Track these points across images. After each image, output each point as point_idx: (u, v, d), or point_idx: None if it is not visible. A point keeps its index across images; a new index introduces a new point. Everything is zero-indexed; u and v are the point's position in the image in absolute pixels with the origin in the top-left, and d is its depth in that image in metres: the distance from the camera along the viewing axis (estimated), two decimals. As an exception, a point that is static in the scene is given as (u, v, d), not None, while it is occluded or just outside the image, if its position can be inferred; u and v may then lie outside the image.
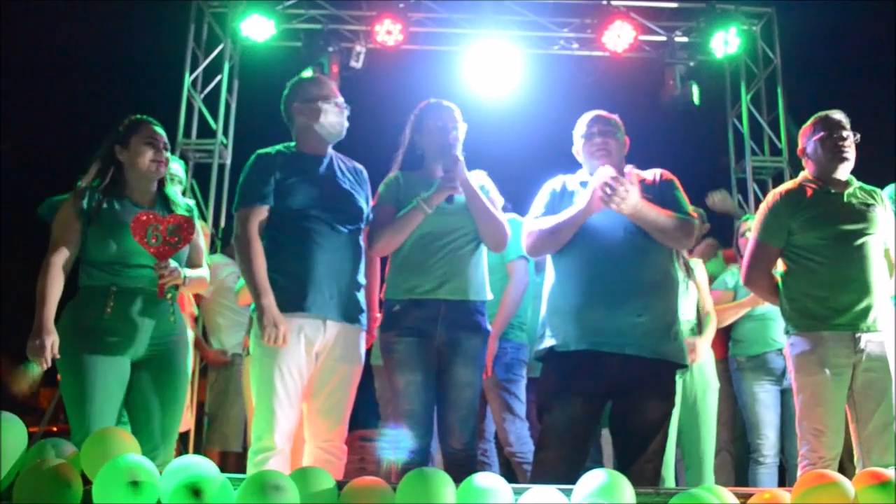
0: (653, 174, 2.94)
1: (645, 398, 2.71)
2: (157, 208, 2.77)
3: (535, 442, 3.31)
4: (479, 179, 3.02)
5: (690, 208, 2.90)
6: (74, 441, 2.50)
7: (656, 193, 2.85)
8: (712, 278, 4.07)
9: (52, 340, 2.57)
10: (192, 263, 2.87)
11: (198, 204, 5.46)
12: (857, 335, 2.82)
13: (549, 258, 2.92)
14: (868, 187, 3.03)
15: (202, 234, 2.97)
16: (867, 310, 2.83)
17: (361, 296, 2.80)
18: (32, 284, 2.73)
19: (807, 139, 3.06)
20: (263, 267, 2.64)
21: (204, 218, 5.55)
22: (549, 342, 2.79)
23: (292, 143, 2.85)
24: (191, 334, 2.88)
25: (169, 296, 2.73)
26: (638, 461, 2.69)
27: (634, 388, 2.70)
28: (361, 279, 2.80)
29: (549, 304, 2.86)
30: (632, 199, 2.66)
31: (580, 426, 2.71)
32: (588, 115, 2.99)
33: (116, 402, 2.62)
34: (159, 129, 2.84)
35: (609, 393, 2.74)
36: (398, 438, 2.71)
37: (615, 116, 3.00)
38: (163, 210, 2.77)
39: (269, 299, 2.59)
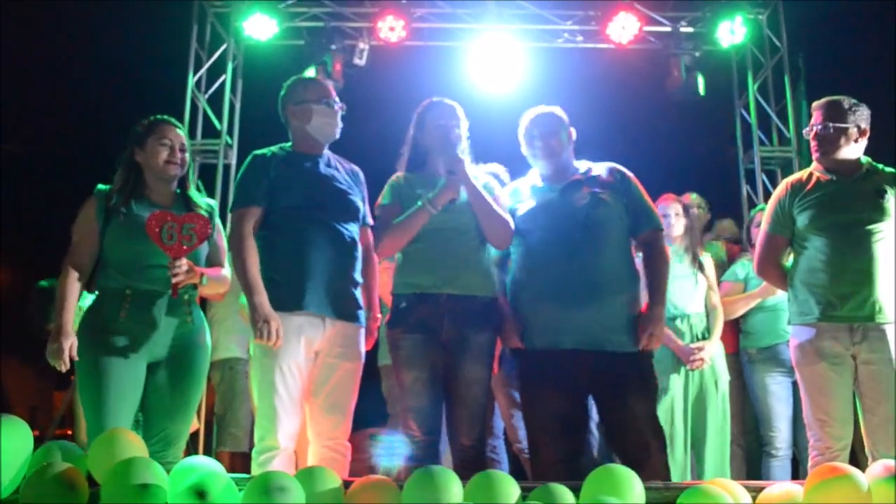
0: (605, 168, 2.94)
1: (623, 393, 2.71)
2: (175, 209, 2.77)
3: None
4: (486, 176, 3.00)
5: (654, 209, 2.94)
6: (91, 443, 2.51)
7: (613, 190, 2.85)
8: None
9: (71, 343, 2.60)
10: (213, 263, 2.87)
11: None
12: (855, 326, 2.79)
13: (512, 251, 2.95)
14: (889, 170, 2.98)
15: (223, 233, 2.97)
16: (864, 302, 2.79)
17: (359, 293, 2.80)
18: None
19: None
20: (256, 266, 2.66)
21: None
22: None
23: (288, 144, 2.88)
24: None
25: (186, 297, 2.73)
26: (649, 461, 2.66)
27: (609, 384, 2.71)
28: (359, 277, 2.81)
29: (511, 297, 2.89)
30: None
31: (563, 420, 2.72)
32: (527, 116, 2.99)
33: (132, 404, 2.64)
34: (179, 130, 2.85)
35: (586, 387, 2.75)
36: (394, 444, 2.71)
37: (555, 110, 2.99)
38: (181, 210, 2.77)
39: (261, 297, 2.60)
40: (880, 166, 2.99)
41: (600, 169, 2.95)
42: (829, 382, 2.80)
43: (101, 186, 2.81)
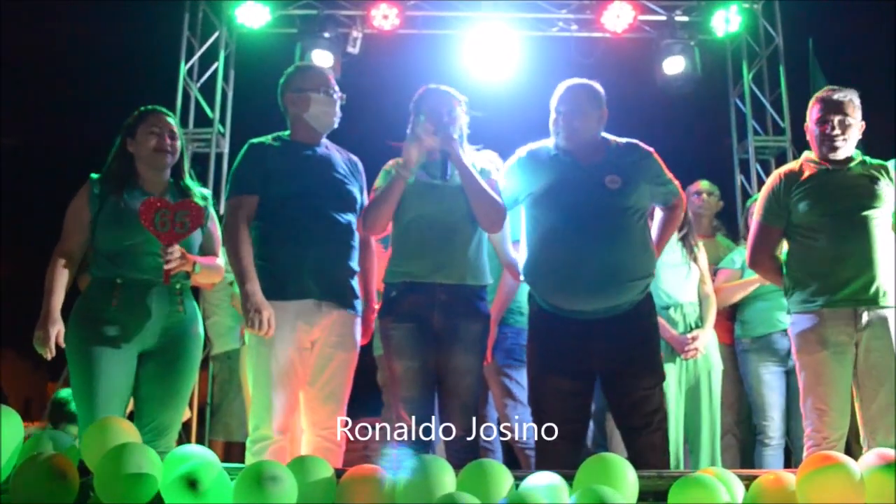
0: (627, 145, 2.91)
1: (632, 373, 2.72)
2: (169, 197, 2.75)
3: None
4: (482, 161, 2.98)
5: (674, 183, 2.94)
6: (81, 432, 2.50)
7: (638, 170, 2.83)
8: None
9: (57, 330, 2.58)
10: (207, 252, 2.86)
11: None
12: (859, 311, 2.79)
13: (523, 226, 2.93)
14: (875, 161, 2.99)
15: (217, 223, 2.95)
16: (868, 285, 2.80)
17: (355, 282, 2.80)
18: (35, 280, 2.74)
19: (809, 117, 3.04)
20: (250, 254, 2.65)
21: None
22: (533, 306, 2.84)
23: (286, 133, 2.86)
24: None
25: (178, 286, 2.72)
26: (645, 432, 2.70)
27: (620, 364, 2.71)
28: (355, 266, 2.80)
29: (527, 276, 2.86)
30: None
31: (572, 405, 2.73)
32: (560, 88, 2.93)
33: (123, 393, 2.63)
34: (168, 119, 2.84)
35: (594, 371, 2.76)
36: (401, 459, 2.71)
37: (591, 86, 2.92)
38: (175, 199, 2.76)
39: (253, 286, 2.60)
40: (867, 157, 3.00)
41: (623, 146, 2.91)
42: (829, 371, 2.79)
43: (94, 175, 2.80)
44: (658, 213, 3.03)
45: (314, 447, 2.64)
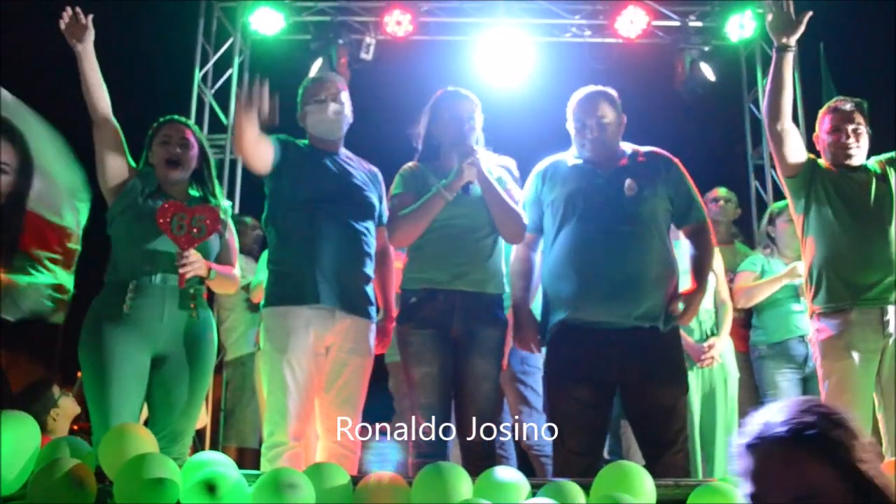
0: (650, 154, 2.88)
1: (652, 385, 2.67)
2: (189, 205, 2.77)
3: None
4: (500, 169, 2.97)
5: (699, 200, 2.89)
6: (95, 437, 2.50)
7: (659, 179, 2.80)
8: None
9: None
10: (223, 263, 2.87)
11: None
12: (885, 317, 2.77)
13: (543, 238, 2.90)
14: (884, 156, 2.99)
15: (235, 235, 2.96)
16: (892, 286, 2.78)
17: (370, 289, 2.80)
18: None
19: (820, 127, 3.04)
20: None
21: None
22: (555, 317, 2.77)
23: (306, 141, 2.90)
24: None
25: (192, 291, 2.72)
26: (669, 452, 2.64)
27: (640, 375, 2.66)
28: (370, 273, 2.80)
29: (548, 287, 2.82)
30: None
31: (590, 415, 2.69)
32: (577, 96, 2.89)
33: (136, 398, 2.63)
34: (184, 127, 2.86)
35: (615, 380, 2.71)
36: (385, 451, 2.70)
37: (608, 93, 2.89)
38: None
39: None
40: (872, 159, 3.02)
41: (645, 154, 2.88)
42: (855, 379, 2.76)
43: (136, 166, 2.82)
44: (686, 247, 2.92)
45: (329, 454, 2.64)
